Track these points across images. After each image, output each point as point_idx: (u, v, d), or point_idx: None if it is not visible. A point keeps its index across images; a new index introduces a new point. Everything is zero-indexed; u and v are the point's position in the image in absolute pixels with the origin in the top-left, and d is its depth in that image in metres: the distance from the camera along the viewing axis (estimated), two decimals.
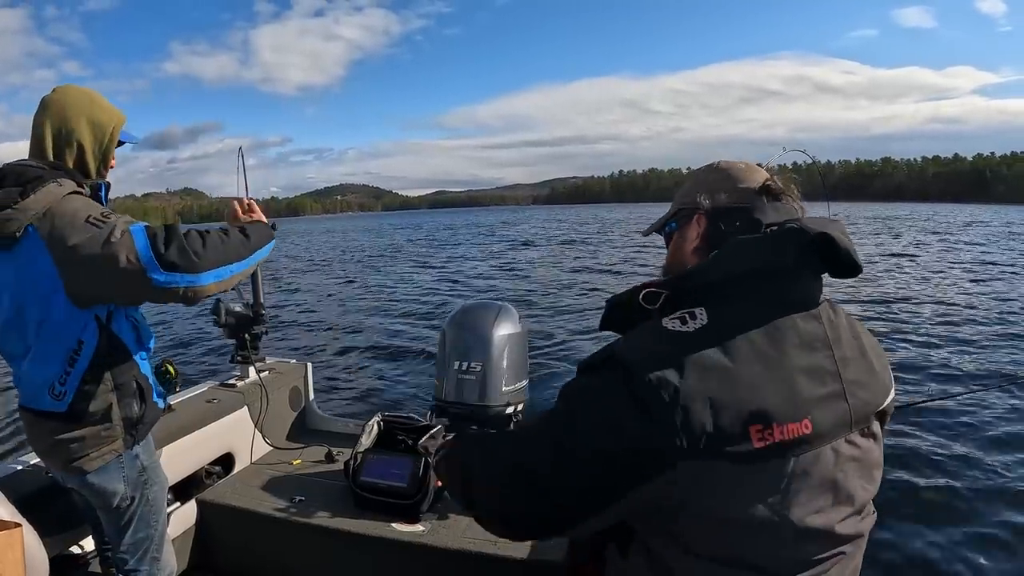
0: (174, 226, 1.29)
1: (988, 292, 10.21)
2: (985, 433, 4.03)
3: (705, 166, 0.93)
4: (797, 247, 0.76)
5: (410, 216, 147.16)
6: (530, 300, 10.48)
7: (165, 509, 1.54)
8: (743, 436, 0.67)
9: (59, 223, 1.23)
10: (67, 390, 1.30)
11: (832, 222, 0.79)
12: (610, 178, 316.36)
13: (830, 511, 0.74)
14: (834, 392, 0.76)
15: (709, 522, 0.70)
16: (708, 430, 0.66)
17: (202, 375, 5.56)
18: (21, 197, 1.22)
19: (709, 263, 0.79)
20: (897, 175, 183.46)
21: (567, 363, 6.20)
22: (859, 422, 0.78)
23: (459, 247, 26.72)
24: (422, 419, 2.29)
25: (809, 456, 0.72)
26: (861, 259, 0.78)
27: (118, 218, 1.26)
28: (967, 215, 44.97)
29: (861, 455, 0.78)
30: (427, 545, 1.80)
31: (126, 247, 1.21)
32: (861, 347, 0.83)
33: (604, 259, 18.08)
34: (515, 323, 2.57)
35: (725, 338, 0.72)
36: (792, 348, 0.74)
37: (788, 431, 0.70)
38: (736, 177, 0.87)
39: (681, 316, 0.75)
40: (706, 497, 0.69)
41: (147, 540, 1.48)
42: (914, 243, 20.74)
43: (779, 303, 0.77)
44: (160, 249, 1.22)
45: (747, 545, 0.71)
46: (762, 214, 0.82)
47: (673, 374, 0.68)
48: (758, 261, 0.77)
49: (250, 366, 2.47)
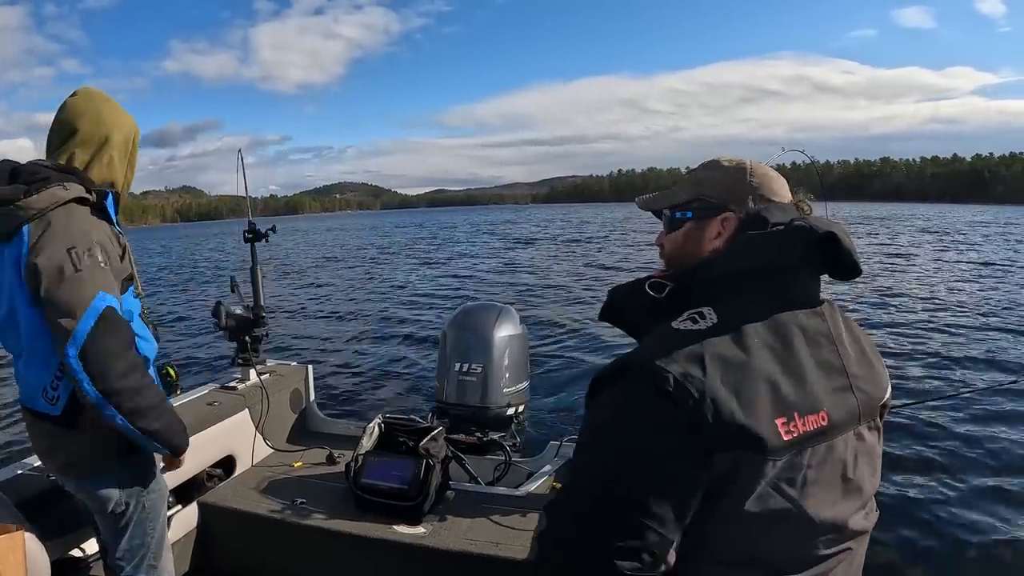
0: (127, 340, 1.24)
1: (984, 291, 10.23)
2: (980, 432, 4.03)
3: (737, 163, 0.87)
4: (804, 245, 0.77)
5: (410, 215, 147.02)
6: (531, 300, 10.47)
7: (164, 517, 1.53)
8: (771, 429, 0.68)
9: (47, 234, 1.23)
10: (60, 395, 1.30)
11: (835, 223, 0.79)
12: (609, 177, 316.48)
13: (841, 504, 0.75)
14: (843, 385, 0.77)
15: (728, 515, 0.70)
16: (738, 421, 0.67)
17: (203, 378, 5.57)
18: (24, 195, 1.23)
19: (720, 257, 0.80)
20: (896, 175, 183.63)
21: (567, 363, 6.20)
22: (866, 415, 0.80)
23: (461, 246, 26.71)
24: (423, 421, 2.29)
25: (823, 448, 0.73)
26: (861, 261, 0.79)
27: (96, 275, 1.22)
28: (966, 215, 45.05)
29: (868, 448, 0.80)
30: (428, 547, 1.80)
31: (75, 303, 1.18)
32: (859, 344, 0.84)
33: (604, 258, 18.08)
34: (516, 324, 2.58)
35: (738, 334, 0.73)
36: (799, 343, 0.75)
37: (808, 423, 0.71)
38: (769, 189, 0.85)
39: (691, 316, 0.76)
40: (730, 490, 0.69)
41: (143, 547, 1.46)
42: (910, 243, 20.77)
43: (784, 300, 0.78)
44: (95, 338, 1.18)
45: (764, 538, 0.72)
46: (769, 213, 0.82)
47: (696, 369, 0.68)
48: (767, 257, 0.77)
49: (251, 368, 2.47)
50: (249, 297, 2.44)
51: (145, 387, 1.26)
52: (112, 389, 1.20)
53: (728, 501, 0.69)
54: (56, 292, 1.19)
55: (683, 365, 0.69)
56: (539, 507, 2.14)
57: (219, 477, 2.26)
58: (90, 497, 1.40)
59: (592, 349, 6.74)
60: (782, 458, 0.69)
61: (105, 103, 1.40)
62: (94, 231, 1.28)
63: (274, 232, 2.47)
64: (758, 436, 0.67)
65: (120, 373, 1.20)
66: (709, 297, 0.78)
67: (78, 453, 1.36)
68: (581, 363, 6.17)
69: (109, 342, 1.20)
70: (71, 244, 1.22)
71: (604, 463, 0.71)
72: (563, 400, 5.08)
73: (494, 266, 17.28)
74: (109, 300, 1.22)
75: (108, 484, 1.38)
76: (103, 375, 1.18)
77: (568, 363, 6.21)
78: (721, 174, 0.87)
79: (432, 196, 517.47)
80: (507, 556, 1.73)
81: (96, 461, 1.36)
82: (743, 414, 0.67)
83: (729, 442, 0.67)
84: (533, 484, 2.14)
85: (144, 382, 1.26)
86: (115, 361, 1.20)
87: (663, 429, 0.67)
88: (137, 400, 1.24)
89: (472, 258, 20.30)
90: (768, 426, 0.68)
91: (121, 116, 1.42)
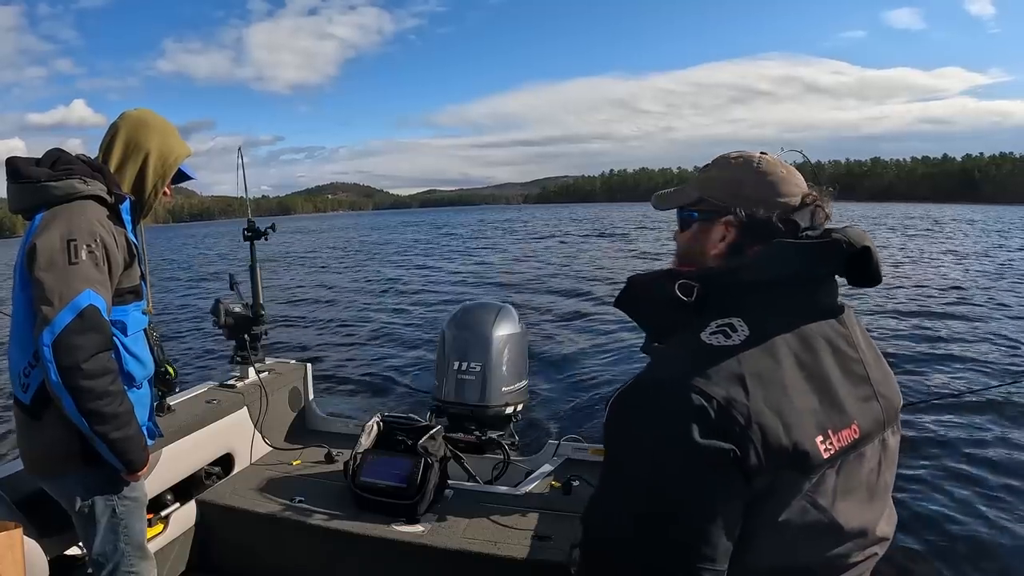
0: (104, 342, 1.24)
1: (979, 290, 10.32)
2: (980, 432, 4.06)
3: (745, 160, 0.84)
4: (841, 260, 0.76)
5: (404, 215, 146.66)
6: (530, 299, 10.45)
7: (142, 524, 1.50)
8: (813, 447, 0.68)
9: (55, 222, 1.26)
10: (31, 383, 1.30)
11: (865, 234, 0.78)
12: (601, 177, 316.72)
13: (868, 510, 0.76)
14: (868, 394, 0.77)
15: (762, 529, 0.69)
16: (784, 445, 0.66)
17: (202, 376, 5.54)
18: (47, 179, 1.28)
19: (751, 263, 0.76)
20: (886, 175, 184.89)
21: (567, 363, 6.20)
22: (890, 421, 0.80)
23: (459, 245, 26.68)
24: (422, 419, 2.29)
25: (853, 458, 0.73)
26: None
27: (89, 272, 1.24)
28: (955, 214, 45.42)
29: (891, 454, 0.80)
30: (426, 545, 1.81)
31: (61, 293, 1.20)
32: (873, 348, 0.84)
33: (604, 257, 18.10)
34: (515, 323, 2.59)
35: (771, 349, 0.71)
36: (826, 355, 0.75)
37: (843, 437, 0.71)
38: (776, 188, 0.81)
39: (722, 330, 0.73)
40: (765, 506, 0.68)
41: (116, 553, 1.42)
42: (901, 242, 20.92)
43: (811, 310, 0.77)
44: (71, 331, 1.19)
45: (796, 550, 0.71)
46: (801, 218, 0.79)
47: (739, 392, 0.66)
48: (799, 267, 0.75)
49: (250, 367, 2.47)
50: (248, 295, 2.44)
51: (110, 394, 1.25)
52: (75, 385, 1.20)
53: (762, 516, 0.68)
54: (45, 278, 1.21)
55: (725, 388, 0.66)
56: (537, 506, 2.13)
57: (217, 475, 2.26)
58: (58, 495, 1.40)
59: (592, 349, 6.75)
60: (818, 472, 0.69)
61: (153, 119, 1.48)
62: (101, 230, 1.29)
63: (274, 231, 2.47)
64: (801, 457, 0.67)
65: (87, 373, 1.21)
66: (737, 305, 0.75)
67: (40, 448, 1.35)
68: (581, 363, 6.17)
69: (83, 339, 1.20)
70: (72, 236, 1.24)
71: (650, 503, 0.67)
72: (562, 399, 5.08)
73: (494, 265, 17.26)
74: (94, 299, 1.23)
75: (72, 483, 1.37)
76: (69, 369, 1.19)
77: (568, 363, 6.21)
78: (727, 174, 0.84)
79: (424, 196, 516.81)
80: (505, 555, 1.73)
81: (57, 459, 1.34)
82: (787, 437, 0.66)
83: (773, 465, 0.65)
84: (531, 483, 2.15)
85: (110, 388, 1.25)
86: (84, 359, 1.20)
87: (712, 459, 0.64)
88: (98, 404, 1.23)
89: (472, 257, 20.27)
90: (810, 445, 0.67)
91: (170, 139, 1.49)
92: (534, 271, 15.18)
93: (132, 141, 1.43)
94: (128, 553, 1.45)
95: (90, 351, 1.21)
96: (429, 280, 14.38)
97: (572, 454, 2.33)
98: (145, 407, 1.49)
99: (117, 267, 1.33)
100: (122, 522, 1.43)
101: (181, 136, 1.53)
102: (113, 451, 1.29)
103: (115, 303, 1.34)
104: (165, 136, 1.48)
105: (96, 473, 1.36)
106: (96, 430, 1.24)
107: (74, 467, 1.35)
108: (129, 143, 1.43)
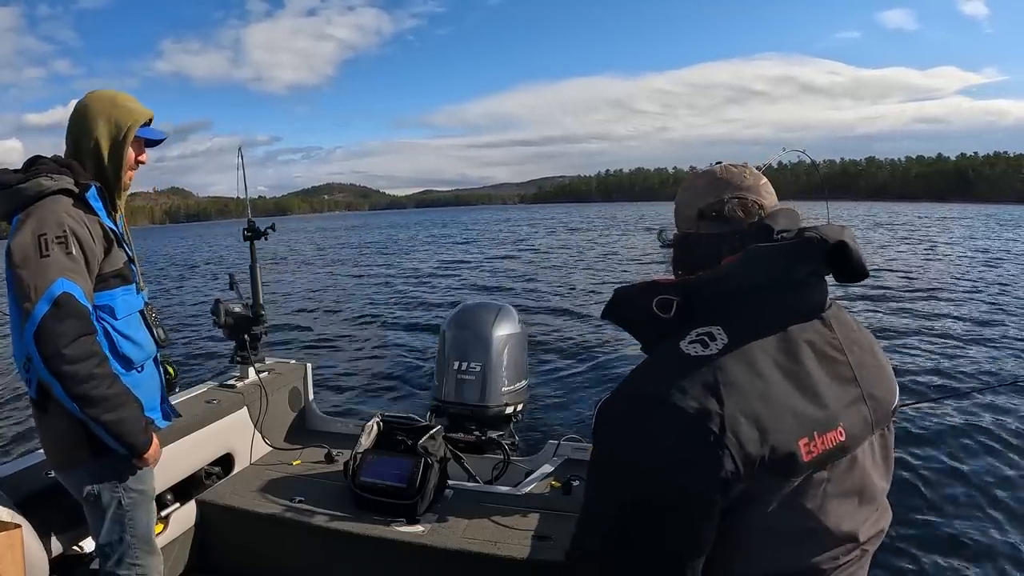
0: (83, 327, 1.27)
1: (976, 289, 10.36)
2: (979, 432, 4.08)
3: (703, 184, 0.87)
4: (817, 257, 0.75)
5: (400, 215, 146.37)
6: (530, 299, 10.46)
7: (149, 517, 1.51)
8: (793, 451, 0.68)
9: (27, 221, 1.30)
10: (31, 377, 1.33)
11: (843, 229, 0.78)
12: (597, 177, 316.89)
13: (857, 514, 0.76)
14: (856, 397, 0.77)
15: (745, 532, 0.70)
16: (762, 452, 0.66)
17: (202, 376, 5.52)
18: (18, 183, 1.32)
19: (725, 271, 0.77)
20: (881, 175, 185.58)
21: (567, 363, 6.21)
22: (879, 423, 0.80)
23: (459, 245, 26.65)
24: (421, 419, 2.29)
25: (845, 462, 0.74)
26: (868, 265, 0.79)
27: (61, 261, 1.27)
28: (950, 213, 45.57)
29: (883, 455, 0.81)
30: (426, 545, 1.81)
31: (35, 287, 1.24)
32: (868, 347, 0.84)
33: (604, 256, 18.12)
34: (515, 323, 2.59)
35: (749, 356, 0.71)
36: (809, 359, 0.75)
37: (828, 440, 0.71)
38: (682, 204, 0.87)
39: (701, 339, 0.73)
40: (751, 512, 0.68)
41: (122, 544, 1.45)
42: (896, 241, 20.99)
43: (793, 313, 0.77)
44: (48, 320, 1.22)
45: (783, 553, 0.72)
46: (773, 220, 0.80)
47: (713, 402, 0.67)
48: (776, 270, 0.75)
49: (250, 367, 2.46)
50: (248, 295, 2.43)
51: (96, 376, 1.28)
52: (60, 371, 1.23)
53: (749, 520, 0.69)
54: (22, 274, 1.25)
55: (699, 399, 0.67)
56: (537, 506, 2.14)
57: (217, 475, 2.26)
58: (67, 483, 1.43)
59: (592, 348, 6.75)
60: (801, 477, 0.69)
61: (96, 101, 1.45)
62: (69, 220, 1.32)
63: (274, 231, 2.47)
64: (779, 461, 0.67)
65: (69, 358, 1.23)
66: (718, 313, 0.75)
67: (52, 439, 1.39)
68: (580, 363, 6.18)
69: (60, 327, 1.23)
70: (42, 231, 1.28)
71: (626, 508, 0.69)
72: (562, 399, 5.09)
73: (493, 265, 17.25)
74: (68, 287, 1.26)
75: (82, 475, 1.40)
76: (51, 356, 1.22)
77: (567, 362, 6.22)
78: (688, 196, 0.87)
79: (420, 197, 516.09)
80: (505, 555, 1.74)
81: (67, 449, 1.38)
82: (764, 443, 0.66)
83: (752, 471, 0.66)
84: (532, 483, 2.15)
85: (95, 371, 1.28)
86: (64, 345, 1.23)
87: (687, 469, 0.66)
88: (85, 388, 1.26)
89: (471, 257, 20.26)
90: (790, 449, 0.68)
91: (116, 111, 1.45)
92: (534, 271, 15.19)
93: (77, 130, 1.43)
94: (133, 545, 1.46)
95: (70, 337, 1.24)
96: (429, 280, 14.37)
97: (572, 454, 2.34)
98: (152, 389, 1.52)
99: (93, 254, 1.35)
100: (127, 513, 1.45)
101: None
102: (111, 434, 1.32)
103: (100, 288, 1.37)
104: (112, 110, 1.44)
105: (104, 464, 1.39)
106: (88, 413, 1.27)
107: (84, 457, 1.37)
108: (75, 133, 1.43)
